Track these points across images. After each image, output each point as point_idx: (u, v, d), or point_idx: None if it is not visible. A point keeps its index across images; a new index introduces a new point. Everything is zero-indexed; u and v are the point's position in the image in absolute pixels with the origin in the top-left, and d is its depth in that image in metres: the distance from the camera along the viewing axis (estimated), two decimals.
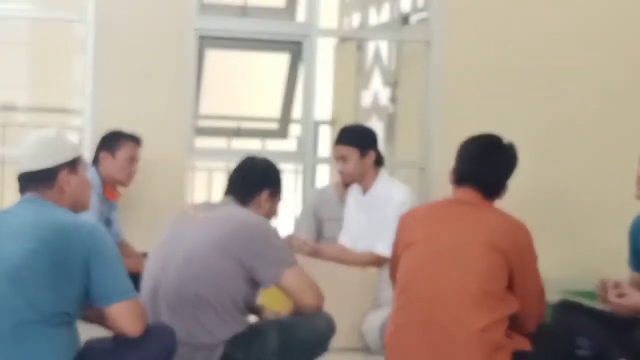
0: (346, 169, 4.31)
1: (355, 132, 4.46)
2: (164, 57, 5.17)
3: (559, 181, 5.78)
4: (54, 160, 2.89)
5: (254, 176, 3.52)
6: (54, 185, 2.88)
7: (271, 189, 3.52)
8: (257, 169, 3.55)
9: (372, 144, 4.36)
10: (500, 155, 3.24)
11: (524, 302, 3.15)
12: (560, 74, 5.74)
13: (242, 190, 3.48)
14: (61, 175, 2.89)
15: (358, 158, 4.30)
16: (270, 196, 3.51)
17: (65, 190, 2.90)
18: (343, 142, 4.34)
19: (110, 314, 2.80)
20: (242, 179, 3.52)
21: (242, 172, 3.55)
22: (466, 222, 3.17)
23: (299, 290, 3.33)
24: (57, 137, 2.94)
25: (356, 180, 4.36)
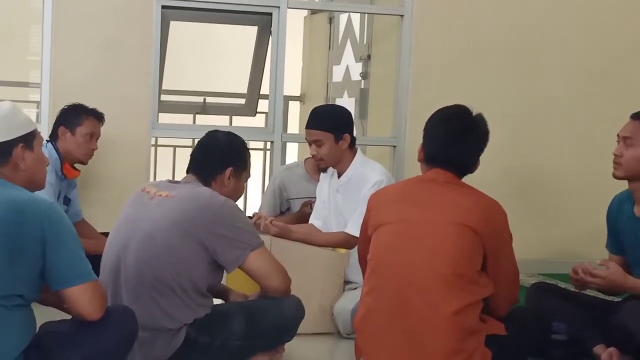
0: (321, 153, 4.15)
1: (329, 115, 4.26)
2: (125, 28, 5.06)
3: (535, 160, 5.76)
4: (7, 135, 2.77)
5: (217, 152, 3.37)
6: (8, 161, 2.77)
7: (235, 165, 3.37)
8: (220, 144, 3.40)
9: (347, 127, 4.20)
10: (471, 133, 3.12)
11: (498, 284, 3.07)
12: (538, 50, 5.70)
13: (204, 167, 3.35)
14: (16, 151, 2.78)
15: (333, 143, 4.14)
16: (235, 173, 3.37)
17: (20, 167, 2.79)
18: (316, 127, 4.18)
19: (68, 297, 2.71)
20: (204, 156, 3.38)
21: (204, 149, 3.41)
22: (438, 202, 3.07)
23: (264, 274, 3.24)
24: (11, 110, 2.82)
25: (331, 164, 4.22)
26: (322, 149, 4.15)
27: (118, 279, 3.19)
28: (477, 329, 2.99)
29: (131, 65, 5.06)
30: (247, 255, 3.18)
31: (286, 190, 4.86)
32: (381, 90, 6.38)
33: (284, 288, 3.29)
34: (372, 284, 3.08)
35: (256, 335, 3.28)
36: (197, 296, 3.18)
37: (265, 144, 6.82)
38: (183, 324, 3.15)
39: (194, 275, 3.15)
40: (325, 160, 4.19)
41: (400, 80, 5.56)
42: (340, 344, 3.98)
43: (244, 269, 3.22)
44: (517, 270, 3.19)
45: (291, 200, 4.86)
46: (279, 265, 3.29)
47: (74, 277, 2.69)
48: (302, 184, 4.81)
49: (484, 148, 3.15)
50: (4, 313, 2.62)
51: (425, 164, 3.17)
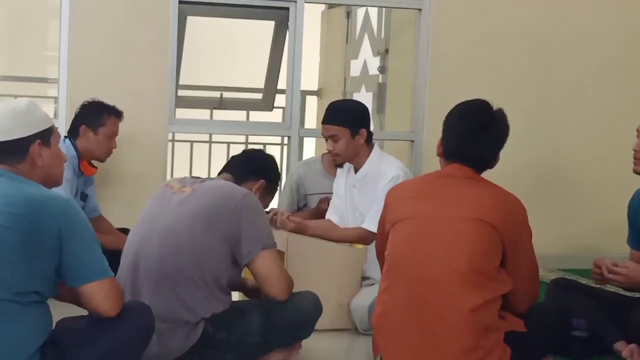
0: (337, 149, 4.13)
1: (346, 109, 4.23)
2: (142, 23, 5.05)
3: (553, 154, 5.71)
4: (24, 132, 2.76)
5: (257, 162, 3.49)
6: (25, 158, 2.76)
7: (268, 181, 3.46)
8: (262, 157, 3.54)
9: (364, 122, 4.16)
10: (491, 129, 3.09)
11: (517, 280, 3.04)
12: (556, 42, 5.66)
13: (238, 170, 3.42)
14: (33, 147, 2.77)
15: (349, 138, 4.11)
16: (264, 188, 3.45)
17: (37, 164, 2.78)
18: (333, 122, 4.14)
19: (84, 294, 2.70)
20: (244, 160, 3.48)
21: (248, 155, 3.54)
22: (457, 198, 3.04)
23: (267, 277, 3.23)
24: (28, 107, 2.80)
25: (348, 160, 4.19)
26: (338, 144, 4.12)
27: (137, 273, 3.20)
28: (496, 326, 2.96)
29: (148, 61, 5.05)
30: (258, 252, 3.17)
31: (303, 186, 4.84)
32: (399, 85, 6.35)
33: (281, 297, 3.26)
34: (389, 281, 3.05)
35: (273, 331, 3.27)
36: (217, 290, 3.18)
37: (283, 139, 6.81)
38: (201, 317, 3.15)
39: (215, 268, 3.15)
40: (342, 155, 4.16)
41: (418, 74, 5.53)
42: (358, 341, 3.95)
43: (250, 267, 3.21)
44: (536, 266, 3.15)
45: (308, 195, 4.83)
46: (283, 273, 3.29)
47: (90, 273, 2.68)
48: (320, 179, 4.78)
49: (504, 143, 3.12)
50: (20, 309, 2.61)
51: (444, 158, 3.14)
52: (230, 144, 6.86)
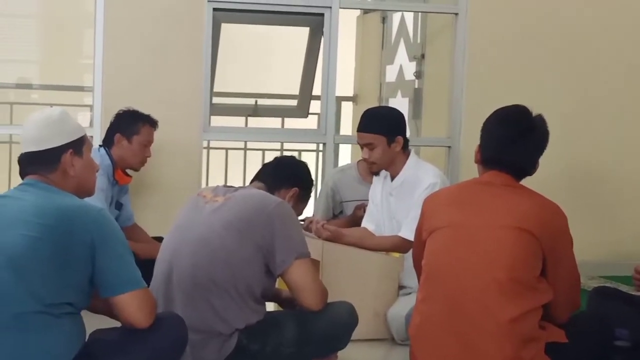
0: (373, 157, 4.08)
1: (381, 117, 4.16)
2: (177, 31, 5.05)
3: (592, 159, 5.64)
4: (56, 141, 2.75)
5: (290, 170, 3.44)
6: (57, 167, 2.75)
7: (301, 189, 3.42)
8: (295, 165, 3.49)
9: (400, 130, 4.11)
10: (530, 135, 3.03)
11: (558, 290, 2.98)
12: (595, 46, 5.60)
13: (272, 178, 3.38)
14: (64, 157, 2.76)
15: (385, 146, 4.05)
16: (297, 196, 3.41)
17: (69, 173, 2.77)
18: (368, 129, 4.09)
19: (117, 304, 2.68)
20: (277, 168, 3.44)
21: (280, 162, 3.49)
22: (495, 206, 2.98)
23: (301, 287, 3.19)
24: (60, 116, 2.80)
25: (384, 168, 4.14)
26: (374, 152, 4.07)
27: (170, 283, 3.17)
28: (536, 337, 2.90)
29: (182, 68, 5.04)
30: (292, 262, 3.13)
31: (339, 193, 4.80)
32: (435, 90, 6.30)
33: (315, 308, 3.22)
34: (426, 291, 3.01)
35: (308, 342, 3.23)
36: (251, 300, 3.15)
37: (318, 145, 6.77)
38: (235, 329, 3.12)
39: (249, 278, 3.12)
40: (378, 163, 4.11)
41: (455, 79, 5.48)
42: (395, 351, 3.90)
43: (284, 277, 3.18)
44: (578, 275, 3.09)
45: (344, 203, 4.80)
46: (317, 283, 3.25)
47: (123, 284, 2.66)
48: (355, 186, 4.74)
49: (544, 150, 3.06)
50: (53, 321, 2.59)
51: (482, 165, 3.09)
52: (265, 151, 6.85)
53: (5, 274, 2.56)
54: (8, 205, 2.68)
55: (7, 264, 2.56)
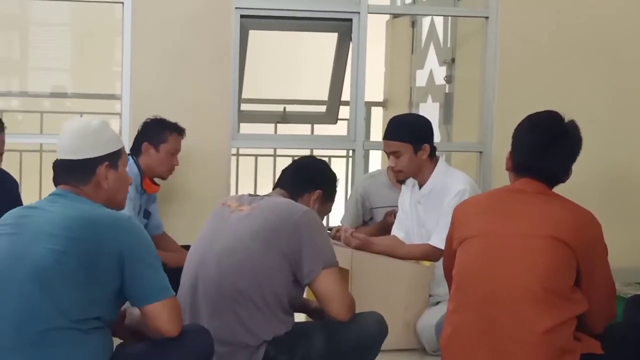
0: (399, 165, 4.02)
1: (408, 124, 4.11)
2: (204, 38, 5.04)
3: (627, 163, 5.55)
4: (93, 152, 2.74)
5: (310, 173, 3.38)
6: (91, 179, 2.73)
7: (324, 190, 3.36)
8: (313, 166, 3.43)
9: (426, 137, 4.05)
10: (562, 141, 2.97)
11: (593, 300, 2.91)
12: (624, 50, 5.50)
13: (293, 183, 3.33)
14: (100, 169, 2.74)
15: (412, 154, 4.00)
16: (322, 198, 3.35)
17: (102, 186, 2.75)
18: (394, 137, 4.04)
19: (148, 314, 2.65)
20: (296, 173, 3.37)
21: (299, 166, 3.42)
22: (527, 214, 2.92)
23: (329, 297, 3.13)
24: (99, 127, 2.78)
25: (410, 175, 4.09)
26: (400, 160, 4.02)
27: (196, 294, 3.14)
28: (571, 348, 2.84)
29: (210, 75, 5.03)
30: (319, 271, 3.08)
31: (369, 200, 4.76)
32: (466, 95, 6.23)
33: (343, 318, 3.16)
34: (457, 301, 2.96)
35: (337, 354, 3.18)
36: (279, 311, 3.11)
37: (347, 152, 6.73)
38: (262, 340, 3.07)
39: (276, 288, 3.08)
40: (404, 172, 4.05)
41: (486, 83, 5.41)
42: None
43: (312, 286, 3.13)
44: (613, 285, 3.02)
45: (374, 209, 4.76)
46: (345, 292, 3.20)
47: (155, 293, 2.64)
48: (385, 192, 4.70)
49: (577, 156, 3.00)
50: (81, 337, 2.56)
51: (514, 173, 3.03)
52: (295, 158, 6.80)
53: (31, 289, 2.53)
54: (35, 216, 2.66)
55: (33, 279, 2.54)
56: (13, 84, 8.29)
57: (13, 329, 2.53)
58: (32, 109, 7.73)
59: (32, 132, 7.09)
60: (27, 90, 8.16)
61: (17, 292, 2.54)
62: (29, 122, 7.59)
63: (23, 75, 8.39)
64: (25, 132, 7.18)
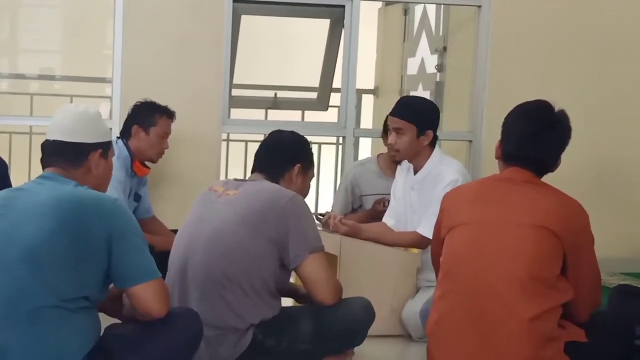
0: (399, 144, 4.01)
1: (418, 107, 4.08)
2: (196, 23, 5.01)
3: (617, 153, 5.55)
4: (91, 138, 2.78)
5: (285, 150, 3.35)
6: (82, 163, 2.76)
7: (302, 162, 3.35)
8: (286, 142, 3.38)
9: (432, 124, 4.03)
10: (552, 131, 2.98)
11: (578, 289, 2.94)
12: (616, 40, 5.49)
13: (271, 166, 3.32)
14: (93, 155, 2.78)
15: (414, 136, 3.99)
16: (302, 170, 3.34)
17: (92, 172, 2.79)
18: (401, 115, 4.01)
19: (134, 295, 2.67)
20: (271, 155, 3.34)
21: (270, 148, 3.38)
22: (515, 203, 2.94)
23: (314, 281, 3.15)
24: (97, 115, 2.85)
25: (406, 157, 4.06)
26: (401, 139, 4.00)
27: (185, 278, 3.15)
28: (556, 336, 2.87)
29: (202, 60, 5.01)
30: (306, 256, 3.10)
31: (359, 187, 4.76)
32: (457, 83, 6.23)
33: (329, 303, 3.18)
34: (444, 288, 2.97)
35: (324, 338, 3.20)
36: (266, 295, 3.12)
37: (338, 139, 6.73)
38: (250, 324, 3.10)
39: (263, 272, 3.10)
40: (401, 152, 4.04)
41: (478, 72, 5.41)
42: (412, 348, 3.88)
43: (298, 271, 3.15)
44: (598, 274, 3.05)
45: (364, 197, 4.76)
46: (331, 277, 3.22)
47: (141, 275, 2.66)
48: (375, 180, 4.70)
49: (566, 146, 3.01)
50: (69, 316, 2.58)
51: (503, 161, 3.05)
52: None
53: (21, 268, 2.54)
54: (23, 198, 2.67)
55: (24, 258, 2.55)
56: (2, 65, 8.24)
57: (2, 307, 2.55)
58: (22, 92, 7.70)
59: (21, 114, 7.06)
60: (16, 72, 8.11)
61: (7, 271, 2.56)
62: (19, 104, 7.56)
63: (13, 57, 8.35)
64: (14, 114, 7.15)
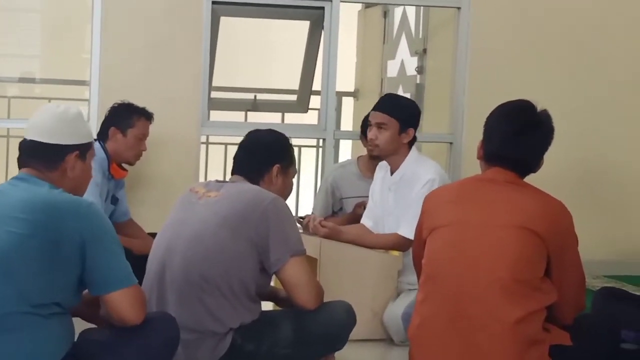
0: (380, 139, 3.99)
1: (402, 103, 4.13)
2: (175, 25, 4.99)
3: (598, 156, 5.55)
4: (68, 139, 2.72)
5: (262, 151, 3.28)
6: (58, 165, 2.70)
7: (281, 162, 3.28)
8: (263, 142, 3.31)
9: (414, 123, 4.05)
10: (535, 130, 2.95)
11: (562, 291, 2.90)
12: (597, 41, 5.52)
13: (250, 168, 3.26)
14: (70, 157, 2.71)
15: (396, 132, 3.98)
16: (282, 170, 3.28)
17: (68, 175, 2.72)
18: (385, 110, 4.02)
19: (109, 302, 2.61)
20: (249, 156, 3.28)
21: (248, 149, 3.31)
22: (498, 204, 2.90)
23: (296, 284, 3.10)
24: (76, 116, 2.77)
25: (385, 154, 4.04)
26: (382, 134, 3.99)
27: (163, 281, 3.10)
28: (540, 339, 2.84)
29: (181, 62, 4.98)
30: (287, 259, 3.05)
31: (339, 189, 4.74)
32: (437, 85, 6.23)
33: (310, 307, 3.13)
34: (426, 291, 2.93)
35: (305, 343, 3.15)
36: (246, 299, 3.07)
37: (318, 141, 6.70)
38: (229, 328, 3.04)
39: (243, 275, 3.04)
40: (381, 147, 4.01)
41: (457, 74, 5.40)
42: (393, 352, 3.84)
43: (279, 275, 3.10)
44: (583, 276, 3.01)
45: (344, 199, 4.74)
46: (313, 281, 3.17)
47: (116, 281, 2.60)
48: (356, 182, 4.68)
49: (549, 146, 2.98)
50: (41, 322, 2.52)
51: (485, 162, 3.01)
52: None
53: None
54: None
55: None
56: None
57: None
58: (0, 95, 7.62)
59: None
60: None
61: None
62: None
63: None
64: None
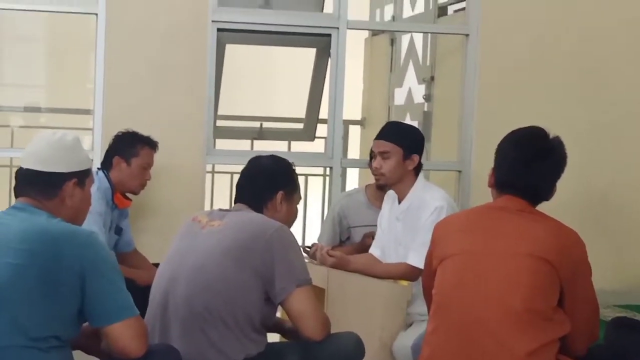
0: (384, 167, 3.94)
1: (404, 130, 4.08)
2: (180, 53, 4.95)
3: (610, 181, 5.46)
4: (65, 167, 2.67)
5: (265, 178, 3.21)
6: (56, 194, 2.66)
7: (285, 188, 3.22)
8: (266, 169, 3.24)
9: (418, 149, 3.99)
10: (547, 158, 2.91)
11: (575, 321, 2.84)
12: (606, 68, 5.43)
13: (253, 195, 3.20)
14: (67, 185, 2.67)
15: (400, 159, 3.92)
16: (286, 197, 3.21)
17: (67, 203, 2.67)
18: (388, 138, 3.96)
19: (110, 334, 2.55)
20: (252, 183, 3.22)
21: (250, 176, 3.25)
22: (510, 232, 2.84)
23: (300, 317, 3.01)
24: (73, 143, 2.72)
25: (391, 182, 3.98)
26: (387, 163, 3.93)
27: (166, 312, 3.03)
28: None
29: (186, 90, 4.93)
30: (292, 290, 2.97)
31: (346, 218, 4.68)
32: (445, 113, 6.19)
33: (317, 338, 3.04)
34: (437, 322, 2.87)
35: None
36: (250, 330, 2.99)
37: (325, 170, 6.65)
38: None
39: (248, 306, 2.97)
40: (387, 176, 3.95)
41: (465, 101, 5.36)
42: None
43: (284, 305, 3.02)
44: (597, 306, 2.96)
45: (352, 228, 4.68)
46: (319, 311, 3.10)
47: (117, 312, 2.54)
48: (363, 211, 4.62)
49: (561, 174, 2.93)
50: (40, 356, 2.47)
51: (496, 190, 2.96)
52: None
53: None
54: None
55: None
56: None
57: None
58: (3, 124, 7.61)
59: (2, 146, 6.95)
60: None
61: None
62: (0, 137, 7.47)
63: None
64: None
